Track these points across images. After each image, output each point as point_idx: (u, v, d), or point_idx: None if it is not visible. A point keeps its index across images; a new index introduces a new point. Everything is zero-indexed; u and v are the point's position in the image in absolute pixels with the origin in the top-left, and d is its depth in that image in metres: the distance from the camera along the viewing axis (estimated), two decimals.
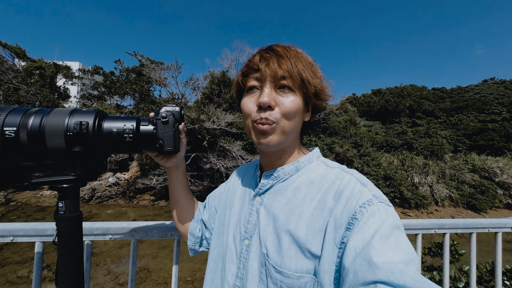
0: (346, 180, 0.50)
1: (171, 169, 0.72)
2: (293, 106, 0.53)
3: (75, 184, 0.51)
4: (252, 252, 0.55)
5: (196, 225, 0.74)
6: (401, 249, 0.37)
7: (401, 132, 18.72)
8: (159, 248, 7.51)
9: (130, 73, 14.05)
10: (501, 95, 28.84)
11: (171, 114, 0.60)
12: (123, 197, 12.75)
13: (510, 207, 12.73)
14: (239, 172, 0.77)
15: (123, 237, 0.80)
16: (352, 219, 0.42)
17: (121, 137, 0.55)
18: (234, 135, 12.21)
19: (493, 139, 18.52)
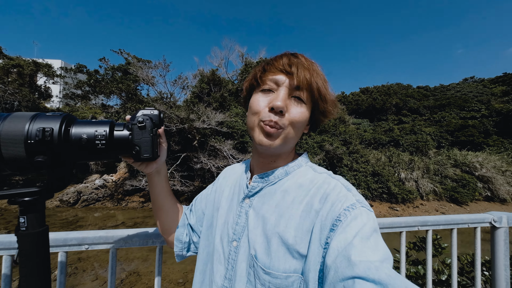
0: (332, 184, 0.52)
1: (152, 175, 0.69)
2: (301, 117, 0.55)
3: (39, 197, 0.46)
4: (241, 253, 0.55)
5: (183, 231, 0.72)
6: (379, 250, 0.40)
7: (388, 129, 19.28)
8: (149, 250, 7.35)
9: (116, 71, 13.60)
10: (480, 93, 30.32)
11: (149, 118, 0.56)
12: (111, 200, 12.37)
13: (489, 199, 13.44)
14: (227, 173, 0.76)
15: (101, 246, 0.76)
16: (337, 221, 0.44)
17: (92, 144, 0.50)
18: (225, 135, 12.12)
19: (473, 135, 19.46)
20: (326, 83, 0.58)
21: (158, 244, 0.82)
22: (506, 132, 20.36)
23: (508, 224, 1.16)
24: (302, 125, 0.57)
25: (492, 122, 21.12)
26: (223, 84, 14.41)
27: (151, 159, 0.56)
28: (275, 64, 0.56)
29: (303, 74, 0.54)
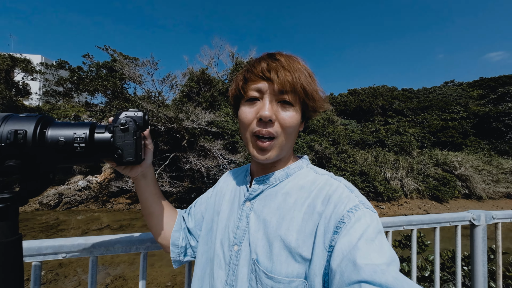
0: (334, 186, 0.51)
1: (138, 179, 0.66)
2: (292, 122, 0.54)
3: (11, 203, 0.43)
4: (242, 258, 0.54)
5: (178, 235, 0.70)
6: (384, 252, 0.39)
7: (375, 130, 19.88)
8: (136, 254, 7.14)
9: (101, 68, 13.10)
10: (459, 96, 31.96)
11: (132, 120, 0.53)
12: (95, 202, 11.91)
13: (467, 197, 14.18)
14: (228, 177, 0.74)
15: (80, 254, 0.71)
16: (340, 223, 0.43)
17: (70, 147, 0.47)
18: (215, 134, 12.00)
19: (453, 136, 20.47)
20: (311, 78, 0.56)
21: (143, 251, 0.78)
22: (482, 133, 21.61)
23: (486, 222, 1.22)
24: (294, 128, 0.55)
25: (470, 124, 22.33)
26: (213, 83, 14.26)
27: (134, 163, 0.54)
28: (254, 71, 0.54)
29: (284, 76, 0.51)
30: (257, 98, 0.54)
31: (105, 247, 0.73)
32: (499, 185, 14.70)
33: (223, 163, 11.07)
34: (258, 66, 0.54)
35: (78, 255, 0.71)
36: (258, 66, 0.54)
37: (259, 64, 0.54)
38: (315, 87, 0.55)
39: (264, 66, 0.53)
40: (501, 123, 21.06)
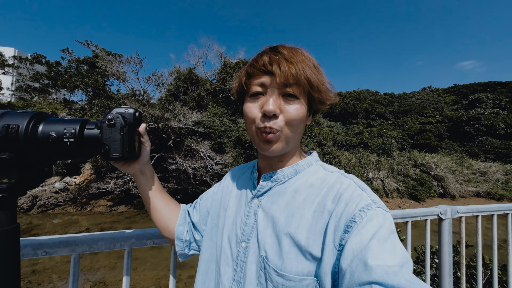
0: (345, 184, 0.50)
1: (136, 176, 0.67)
2: (297, 115, 0.52)
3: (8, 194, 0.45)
4: (250, 255, 0.53)
5: (183, 229, 0.70)
6: (397, 253, 0.38)
7: (358, 132, 20.61)
8: (118, 257, 6.87)
9: (81, 64, 12.51)
10: (436, 101, 34.04)
11: (120, 116, 0.55)
12: (74, 204, 11.30)
13: (442, 196, 15.10)
14: (234, 173, 0.74)
15: (61, 252, 0.70)
16: (351, 222, 0.42)
17: (60, 142, 0.50)
18: (202, 135, 11.86)
19: (429, 139, 21.73)
20: (317, 69, 0.53)
21: (127, 247, 0.78)
22: (455, 136, 23.15)
23: (451, 216, 1.34)
24: (299, 122, 0.53)
25: (445, 128, 23.84)
26: (200, 83, 14.10)
27: (120, 158, 0.54)
28: (256, 66, 0.53)
29: (286, 69, 0.50)
30: (261, 93, 0.53)
31: (88, 244, 0.72)
32: (469, 184, 15.81)
33: (210, 163, 10.96)
34: (260, 60, 0.53)
35: (59, 253, 0.70)
36: (260, 60, 0.53)
37: (261, 58, 0.53)
38: (321, 78, 0.53)
39: (266, 60, 0.52)
40: (471, 127, 22.69)
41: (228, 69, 15.41)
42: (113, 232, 0.78)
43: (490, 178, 16.80)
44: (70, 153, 0.52)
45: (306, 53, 0.55)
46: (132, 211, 11.40)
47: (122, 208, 11.44)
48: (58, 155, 0.52)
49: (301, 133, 0.56)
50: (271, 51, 0.53)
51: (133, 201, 11.67)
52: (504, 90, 32.98)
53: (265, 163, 0.62)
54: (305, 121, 0.56)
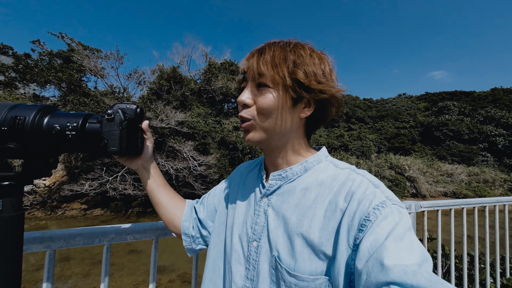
0: (358, 181, 0.48)
1: (140, 171, 0.68)
2: (266, 103, 0.51)
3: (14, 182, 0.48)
4: (262, 254, 0.53)
5: (189, 224, 0.70)
6: (414, 251, 0.37)
7: (340, 135, 21.44)
8: (92, 264, 6.49)
9: (55, 58, 11.71)
10: (409, 107, 36.48)
11: (119, 111, 0.56)
12: (43, 208, 10.49)
13: (414, 195, 16.17)
14: (242, 170, 0.73)
15: (35, 248, 0.68)
16: (365, 220, 0.41)
17: (63, 134, 0.52)
18: (185, 135, 11.63)
19: (404, 142, 23.20)
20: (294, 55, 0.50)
21: (106, 243, 0.77)
22: (426, 140, 24.98)
23: (415, 210, 1.48)
24: (271, 110, 0.51)
25: (417, 132, 25.61)
26: (185, 82, 13.83)
27: (118, 153, 0.56)
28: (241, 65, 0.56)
29: (255, 60, 0.50)
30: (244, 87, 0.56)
31: (64, 239, 0.71)
32: (438, 185, 17.12)
33: (194, 164, 10.77)
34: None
35: (33, 249, 0.68)
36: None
37: None
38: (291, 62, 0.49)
39: (246, 56, 0.54)
40: (440, 132, 24.63)
41: (214, 69, 15.30)
42: (91, 227, 0.77)
43: (456, 179, 18.33)
44: (72, 145, 0.54)
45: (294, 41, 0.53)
46: (109, 214, 10.82)
47: (98, 212, 10.82)
48: (62, 147, 0.54)
49: (283, 124, 0.52)
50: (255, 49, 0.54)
51: (110, 204, 11.09)
52: (468, 99, 36.29)
53: (267, 159, 0.62)
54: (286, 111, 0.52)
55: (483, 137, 24.03)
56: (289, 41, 0.53)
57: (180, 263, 6.38)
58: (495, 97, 34.47)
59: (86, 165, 10.90)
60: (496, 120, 25.66)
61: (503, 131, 23.95)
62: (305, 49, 0.52)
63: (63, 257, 6.66)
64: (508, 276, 1.92)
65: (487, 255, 1.76)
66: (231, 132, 12.93)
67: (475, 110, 29.30)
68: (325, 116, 0.57)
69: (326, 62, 0.53)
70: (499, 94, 36.64)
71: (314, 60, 0.51)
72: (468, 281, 1.75)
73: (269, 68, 0.49)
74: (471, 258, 2.00)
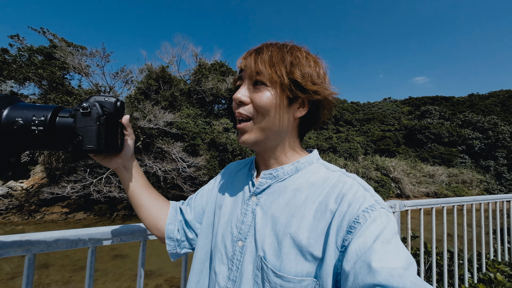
0: (348, 183, 0.49)
1: (120, 171, 0.63)
2: (264, 101, 0.51)
3: None
4: (247, 254, 0.52)
5: (173, 227, 0.66)
6: (400, 255, 0.38)
7: (328, 137, 21.87)
8: (73, 270, 6.18)
9: (35, 54, 11.13)
10: (394, 111, 37.90)
11: (97, 104, 0.50)
12: (19, 212, 9.89)
13: (399, 196, 16.76)
14: (231, 169, 0.72)
15: (14, 253, 0.64)
16: (355, 222, 0.42)
17: (27, 130, 0.45)
18: (174, 136, 11.41)
19: (389, 144, 24.04)
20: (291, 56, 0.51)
21: (91, 245, 0.74)
22: (410, 143, 26.02)
23: (399, 209, 1.54)
24: (269, 109, 0.51)
25: (402, 135, 26.62)
26: (174, 82, 13.61)
27: (95, 151, 0.50)
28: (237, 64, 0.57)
29: (252, 58, 0.51)
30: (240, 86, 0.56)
31: (46, 243, 0.67)
32: (421, 186, 17.86)
33: (183, 166, 10.58)
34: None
35: (11, 254, 0.64)
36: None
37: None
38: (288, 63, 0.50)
39: (242, 56, 0.55)
40: (422, 135, 25.75)
41: (204, 70, 15.16)
42: (75, 229, 0.74)
43: (437, 180, 19.21)
44: (39, 142, 0.47)
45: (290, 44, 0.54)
46: (92, 218, 10.37)
47: (80, 215, 10.34)
48: (26, 144, 0.47)
49: (279, 123, 0.53)
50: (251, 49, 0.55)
51: (93, 207, 10.65)
52: (447, 104, 38.29)
53: (259, 159, 0.61)
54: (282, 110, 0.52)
55: (461, 140, 25.40)
56: (286, 43, 0.54)
57: (168, 267, 6.22)
58: (472, 103, 36.62)
59: (68, 166, 10.42)
60: (473, 124, 27.21)
61: (479, 135, 25.43)
62: (301, 52, 0.53)
63: (41, 263, 6.30)
64: (484, 271, 2.03)
65: (465, 252, 1.86)
66: (221, 134, 12.83)
67: (454, 114, 30.94)
68: (317, 118, 0.58)
69: (320, 65, 0.55)
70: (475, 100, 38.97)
71: (310, 62, 0.53)
72: (448, 276, 1.84)
73: (266, 67, 0.50)
74: (450, 254, 2.11)
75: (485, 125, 26.15)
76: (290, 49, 0.52)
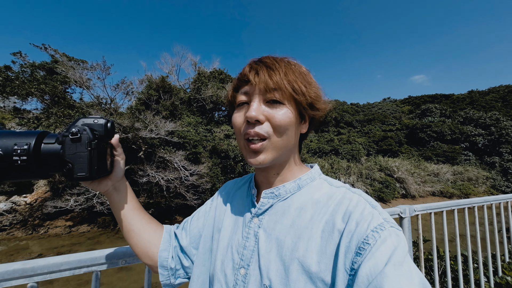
0: (355, 200, 0.46)
1: (109, 194, 0.58)
2: (284, 119, 0.49)
3: None
4: (251, 283, 0.47)
5: (167, 255, 0.61)
6: (414, 278, 0.35)
7: (329, 139, 21.81)
8: (79, 285, 6.10)
9: (37, 69, 11.33)
10: (395, 110, 37.84)
11: (87, 128, 0.47)
12: (23, 227, 9.86)
13: (404, 196, 16.55)
14: (229, 188, 0.68)
15: (15, 282, 0.62)
16: (364, 243, 0.39)
17: (8, 160, 0.41)
18: (176, 145, 11.43)
19: (391, 144, 23.90)
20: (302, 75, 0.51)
21: (95, 270, 0.72)
22: (412, 142, 25.86)
23: (410, 214, 1.49)
24: (288, 127, 0.50)
25: (403, 134, 26.51)
26: (174, 91, 13.73)
27: (87, 178, 0.47)
28: (240, 77, 0.53)
29: (266, 74, 0.49)
30: (246, 102, 0.52)
31: (49, 270, 0.65)
32: (426, 185, 17.63)
33: (185, 174, 10.56)
34: (243, 71, 0.53)
35: (13, 283, 0.61)
36: (243, 71, 0.53)
37: (244, 69, 0.53)
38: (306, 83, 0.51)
39: (247, 69, 0.52)
40: (424, 134, 25.60)
41: (203, 78, 15.31)
42: (78, 253, 0.71)
43: (442, 178, 18.98)
44: (22, 173, 0.43)
45: (293, 61, 0.54)
46: (96, 230, 10.31)
47: (84, 228, 10.28)
48: (7, 175, 0.43)
49: (293, 141, 0.53)
50: (253, 61, 0.54)
51: (97, 219, 10.60)
52: (448, 101, 38.19)
53: (261, 177, 0.58)
54: (296, 128, 0.52)
55: (464, 137, 25.21)
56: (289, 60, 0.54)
57: None
58: (472, 99, 36.50)
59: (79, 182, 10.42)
60: (474, 121, 27.07)
61: (482, 131, 25.25)
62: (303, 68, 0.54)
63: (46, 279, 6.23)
64: (501, 274, 1.96)
65: (479, 255, 1.80)
66: (222, 140, 12.85)
67: (455, 111, 30.81)
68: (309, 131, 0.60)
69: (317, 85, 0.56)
70: (475, 96, 38.88)
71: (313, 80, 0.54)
72: (463, 281, 1.78)
73: (287, 85, 0.49)
74: (464, 258, 2.04)
75: (487, 121, 25.99)
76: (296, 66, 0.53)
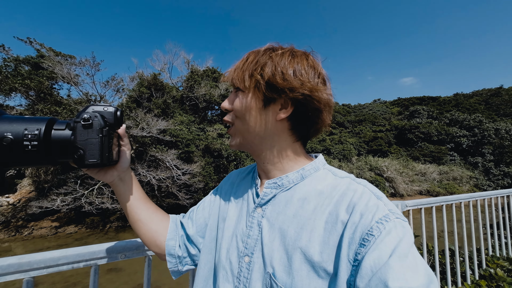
0: (359, 192, 0.46)
1: (115, 184, 0.58)
2: (237, 105, 0.52)
3: None
4: (255, 271, 0.48)
5: (174, 243, 0.63)
6: (419, 271, 0.35)
7: (322, 139, 22.10)
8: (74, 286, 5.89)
9: (21, 64, 10.86)
10: (384, 111, 38.82)
11: (98, 115, 0.47)
12: (5, 229, 9.44)
13: (393, 195, 17.02)
14: (233, 178, 0.69)
15: (10, 277, 0.60)
16: (368, 235, 0.39)
17: (19, 145, 0.41)
18: (168, 143, 11.26)
19: (381, 145, 24.51)
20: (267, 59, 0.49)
21: (94, 265, 0.70)
22: (401, 142, 26.62)
23: (401, 209, 1.55)
24: (244, 112, 0.51)
25: (393, 135, 27.23)
26: (166, 89, 13.51)
27: (99, 165, 0.47)
28: None
29: (234, 66, 0.53)
30: None
31: (46, 264, 0.63)
32: (414, 184, 18.21)
33: (177, 173, 10.42)
34: None
35: (8, 278, 0.59)
36: None
37: None
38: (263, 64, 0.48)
39: None
40: (412, 134, 26.40)
41: (196, 76, 15.15)
42: (76, 248, 0.70)
43: (428, 177, 19.65)
44: (32, 159, 0.43)
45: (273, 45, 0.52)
46: (83, 231, 10.00)
47: (71, 229, 9.96)
48: (19, 161, 0.43)
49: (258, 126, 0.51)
50: None
51: (85, 219, 10.30)
52: (435, 103, 39.56)
53: (258, 167, 0.60)
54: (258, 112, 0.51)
55: (449, 138, 26.19)
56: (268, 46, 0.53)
57: (164, 278, 6.03)
58: (457, 102, 37.99)
59: (58, 178, 10.07)
60: (459, 123, 28.16)
61: (466, 132, 26.32)
62: (277, 50, 0.50)
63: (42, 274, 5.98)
64: (485, 267, 2.06)
65: (465, 249, 1.89)
66: (215, 140, 12.76)
67: (441, 113, 31.95)
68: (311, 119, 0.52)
69: (302, 61, 0.50)
70: (460, 99, 40.46)
71: (284, 58, 0.49)
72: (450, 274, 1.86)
73: (238, 73, 0.51)
74: (451, 252, 2.13)
75: (471, 123, 27.10)
76: (266, 50, 0.51)
